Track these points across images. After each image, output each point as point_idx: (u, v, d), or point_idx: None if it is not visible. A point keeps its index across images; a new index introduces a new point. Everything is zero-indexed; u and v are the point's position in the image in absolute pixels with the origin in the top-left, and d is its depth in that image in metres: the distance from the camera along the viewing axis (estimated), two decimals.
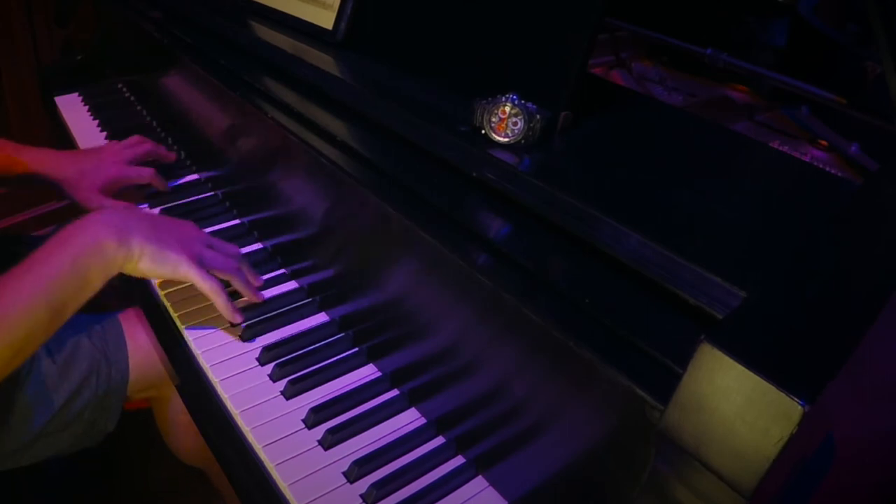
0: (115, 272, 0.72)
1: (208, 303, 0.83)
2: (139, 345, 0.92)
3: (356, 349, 0.81)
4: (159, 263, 0.74)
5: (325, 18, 0.98)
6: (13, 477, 1.03)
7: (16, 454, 0.86)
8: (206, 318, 0.83)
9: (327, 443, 0.70)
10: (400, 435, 0.72)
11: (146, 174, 1.06)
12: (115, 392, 0.90)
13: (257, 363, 0.79)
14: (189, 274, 0.75)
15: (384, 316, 0.77)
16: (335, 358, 0.80)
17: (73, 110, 1.40)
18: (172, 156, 1.14)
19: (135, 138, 1.10)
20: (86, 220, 0.73)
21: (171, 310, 0.85)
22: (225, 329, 0.83)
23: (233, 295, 0.82)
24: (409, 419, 0.74)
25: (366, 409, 0.74)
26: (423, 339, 0.73)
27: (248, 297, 0.83)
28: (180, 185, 1.13)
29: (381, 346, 0.79)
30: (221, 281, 0.80)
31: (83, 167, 1.03)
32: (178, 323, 0.84)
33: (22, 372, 0.83)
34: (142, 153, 1.08)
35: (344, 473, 0.67)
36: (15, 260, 0.70)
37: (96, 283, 0.71)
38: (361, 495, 0.66)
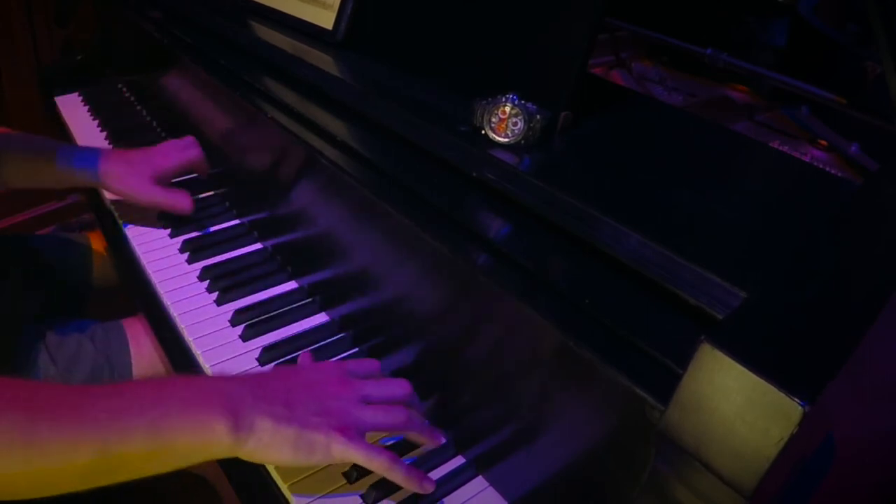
0: (219, 456, 0.56)
1: None
2: (143, 353, 0.92)
3: (356, 350, 0.81)
4: (305, 452, 0.56)
5: (325, 18, 0.98)
6: None
7: None
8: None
9: None
10: (400, 436, 0.72)
11: (196, 158, 1.01)
12: None
13: (257, 363, 0.79)
14: (348, 455, 0.58)
15: (384, 316, 0.77)
16: (335, 358, 0.80)
17: (73, 110, 1.40)
18: (206, 171, 1.06)
19: (189, 139, 1.03)
20: (204, 381, 0.59)
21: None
22: (225, 330, 0.83)
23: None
24: None
25: None
26: (423, 339, 0.73)
27: (428, 444, 0.68)
28: (180, 183, 1.13)
29: (382, 346, 0.79)
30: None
31: (131, 157, 0.98)
32: (182, 330, 0.84)
33: (23, 373, 0.83)
34: (191, 160, 1.02)
35: (344, 474, 0.67)
36: (18, 258, 0.69)
37: (178, 461, 0.55)
38: (361, 495, 0.66)
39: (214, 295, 0.88)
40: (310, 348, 0.81)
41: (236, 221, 1.04)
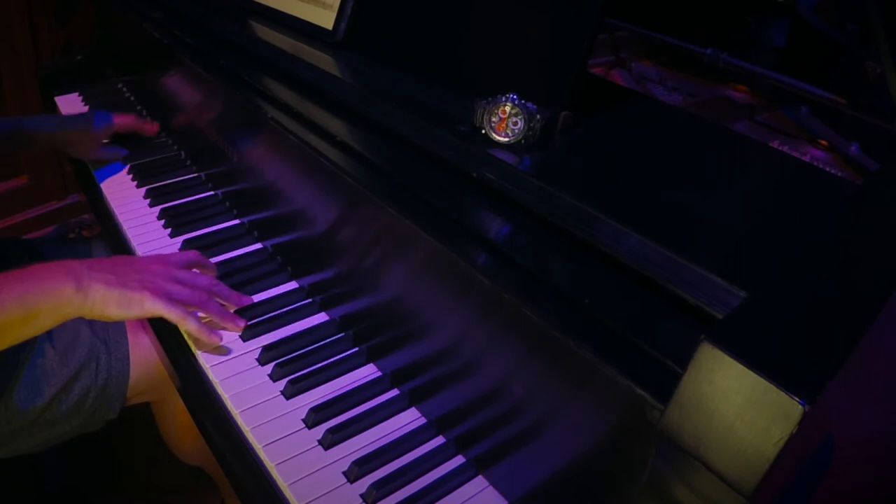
0: (70, 316, 0.75)
1: None
2: (141, 344, 0.93)
3: (356, 349, 0.81)
4: (125, 306, 0.76)
5: (325, 18, 0.98)
6: (17, 473, 1.03)
7: (15, 436, 0.86)
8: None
9: (327, 443, 0.70)
10: (400, 435, 0.72)
11: (128, 121, 1.23)
12: (115, 380, 0.91)
13: (257, 363, 0.79)
14: (155, 308, 0.77)
15: (384, 316, 0.77)
16: (335, 358, 0.80)
17: (73, 110, 1.40)
18: (155, 127, 1.26)
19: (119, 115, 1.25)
20: (50, 264, 0.76)
21: None
22: (225, 329, 0.83)
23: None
24: (409, 419, 0.74)
25: (366, 408, 0.74)
26: (423, 338, 0.73)
27: (227, 328, 0.82)
28: (180, 183, 1.13)
29: (381, 345, 0.79)
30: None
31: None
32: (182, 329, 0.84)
33: (22, 354, 0.84)
34: (126, 124, 1.23)
35: (344, 473, 0.67)
36: (14, 259, 0.71)
37: (44, 322, 0.74)
38: (361, 495, 0.66)
39: None
40: (310, 348, 0.81)
41: (236, 221, 1.04)
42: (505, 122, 0.72)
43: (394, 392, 0.77)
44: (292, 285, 0.91)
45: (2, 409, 0.84)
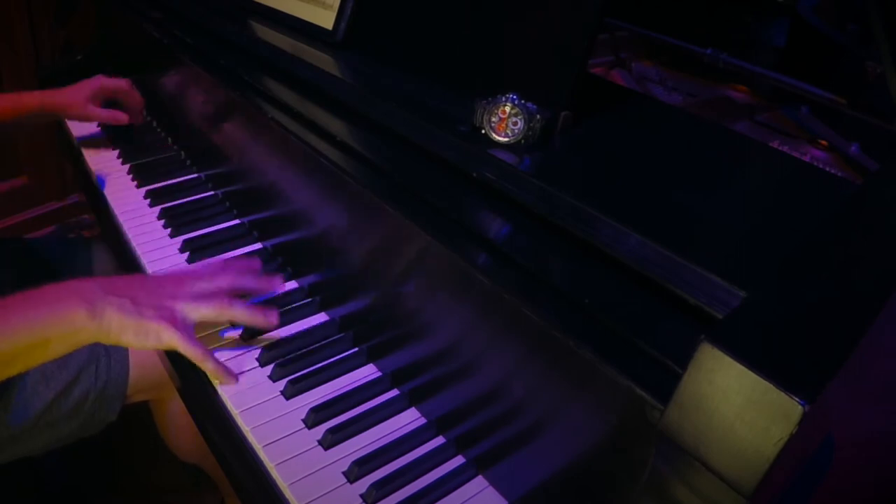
0: (83, 342, 0.70)
1: None
2: None
3: (356, 349, 0.81)
4: (142, 337, 0.71)
5: (325, 18, 0.98)
6: (17, 473, 1.03)
7: (15, 440, 0.86)
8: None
9: (327, 443, 0.70)
10: (400, 435, 0.72)
11: (124, 84, 1.20)
12: (115, 383, 0.91)
13: (257, 363, 0.79)
14: (173, 342, 0.71)
15: (384, 316, 0.77)
16: (335, 358, 0.80)
17: None
18: (139, 99, 1.23)
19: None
20: (62, 285, 0.70)
21: None
22: (226, 331, 0.83)
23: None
24: (409, 419, 0.74)
25: (366, 408, 0.74)
26: (423, 338, 0.73)
27: (258, 325, 0.79)
28: (180, 184, 1.13)
29: (382, 345, 0.79)
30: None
31: (67, 90, 1.17)
32: None
33: None
34: (114, 87, 1.20)
35: (344, 473, 0.67)
36: (13, 260, 0.71)
37: (56, 348, 0.69)
38: (361, 495, 0.66)
39: None
40: (310, 348, 0.81)
41: (236, 221, 1.04)
42: (505, 122, 0.72)
43: (394, 392, 0.77)
44: (292, 285, 0.91)
45: (0, 414, 0.84)
